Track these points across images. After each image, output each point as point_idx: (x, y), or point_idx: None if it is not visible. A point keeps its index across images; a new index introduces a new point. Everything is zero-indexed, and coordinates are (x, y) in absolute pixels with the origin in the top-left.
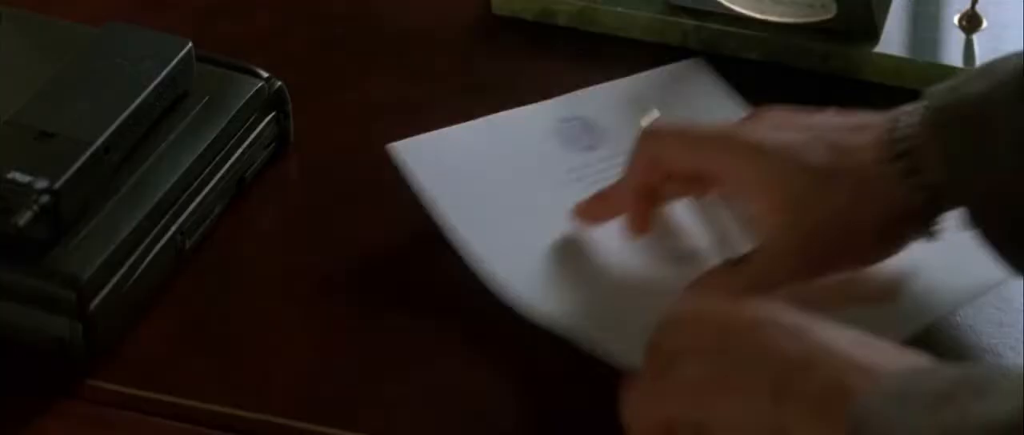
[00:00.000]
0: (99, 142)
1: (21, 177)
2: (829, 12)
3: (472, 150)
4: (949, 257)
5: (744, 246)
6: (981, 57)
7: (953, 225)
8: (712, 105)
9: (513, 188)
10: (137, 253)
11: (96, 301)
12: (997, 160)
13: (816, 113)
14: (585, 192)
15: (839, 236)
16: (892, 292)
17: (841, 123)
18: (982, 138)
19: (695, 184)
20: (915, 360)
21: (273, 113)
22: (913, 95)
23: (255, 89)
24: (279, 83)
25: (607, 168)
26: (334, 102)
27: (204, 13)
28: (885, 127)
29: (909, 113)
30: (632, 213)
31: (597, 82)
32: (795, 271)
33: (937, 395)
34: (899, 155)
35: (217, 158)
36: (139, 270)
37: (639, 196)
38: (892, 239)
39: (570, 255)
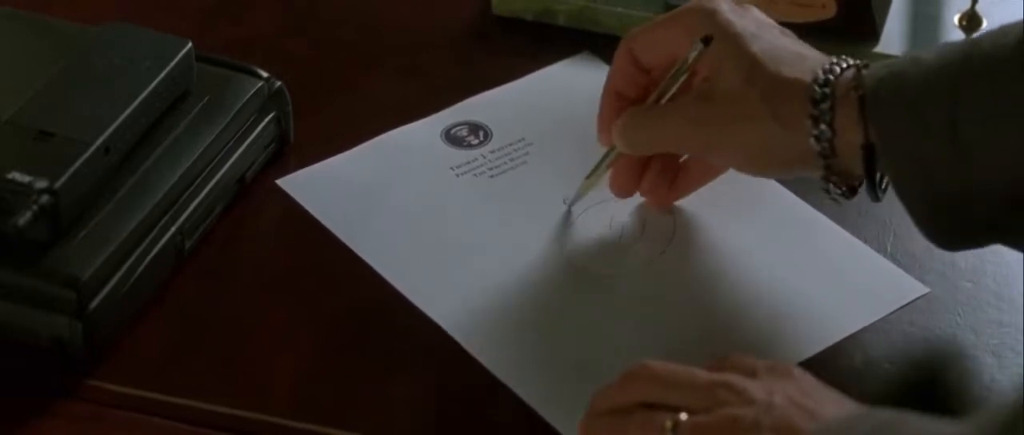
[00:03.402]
0: (99, 142)
1: (21, 177)
2: (829, 12)
3: (359, 174)
4: (852, 278)
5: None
6: None
7: (851, 245)
8: None
9: (404, 199)
10: (137, 253)
11: (96, 301)
12: (923, 131)
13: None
14: (478, 184)
15: (752, 137)
16: None
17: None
18: (914, 113)
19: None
20: (854, 408)
21: (273, 113)
22: None
23: (255, 89)
24: (279, 83)
25: (499, 158)
26: (334, 102)
27: (204, 13)
28: (814, 78)
29: (843, 71)
30: (601, 117)
31: None
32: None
33: (871, 429)
34: (817, 116)
35: (217, 158)
36: (139, 270)
37: (612, 97)
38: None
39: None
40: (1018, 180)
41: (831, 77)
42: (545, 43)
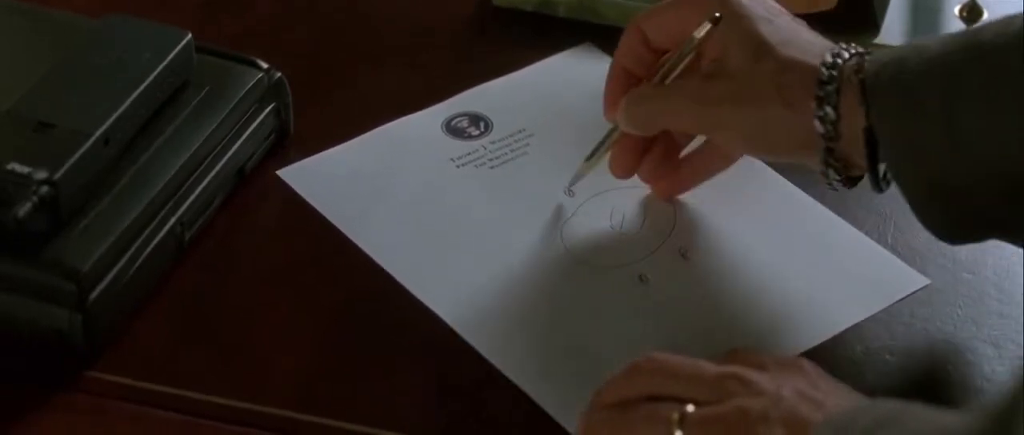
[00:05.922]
0: (99, 133)
1: (20, 168)
2: (830, 3)
3: (359, 165)
4: (853, 270)
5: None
6: None
7: (852, 236)
8: None
9: (404, 191)
10: (137, 244)
11: (96, 292)
12: (922, 119)
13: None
14: (479, 175)
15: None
16: None
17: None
18: (911, 99)
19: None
20: (859, 399)
21: (273, 104)
22: None
23: (255, 80)
24: (279, 74)
25: (500, 149)
26: (334, 93)
27: (204, 4)
28: (820, 62)
29: (846, 58)
30: (607, 96)
31: None
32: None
33: (874, 422)
34: (822, 98)
35: (217, 149)
36: (139, 261)
37: (620, 74)
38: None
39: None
40: (1014, 172)
41: (839, 61)
42: (545, 34)
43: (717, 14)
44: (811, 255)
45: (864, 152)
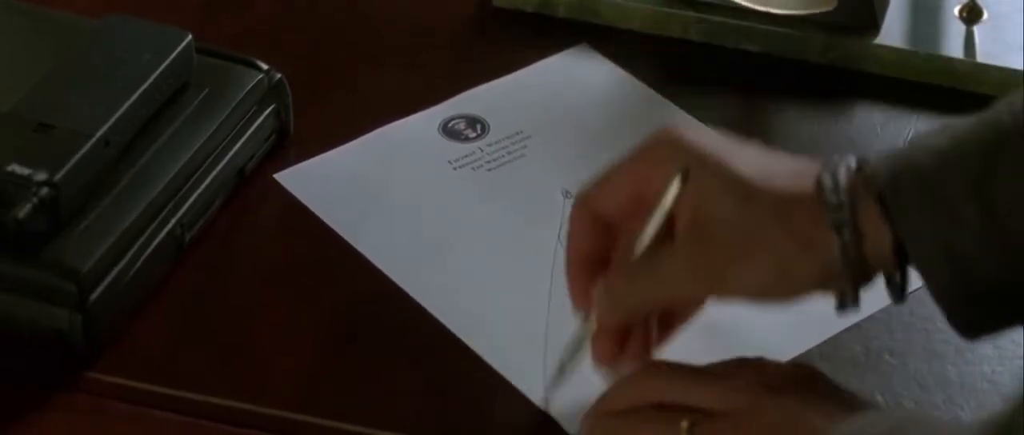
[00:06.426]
0: (99, 134)
1: (21, 169)
2: (830, 4)
3: (356, 168)
4: None
5: None
6: (981, 48)
7: None
8: (608, 89)
9: (401, 193)
10: (137, 245)
11: (96, 293)
12: (954, 222)
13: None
14: (476, 177)
15: (739, 253)
16: None
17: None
18: (941, 205)
19: (634, 219)
20: (867, 406)
21: (273, 105)
22: (913, 87)
23: (255, 81)
24: (279, 75)
25: (497, 151)
26: (334, 94)
27: (204, 5)
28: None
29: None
30: (573, 287)
31: None
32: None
33: (888, 430)
34: (838, 225)
35: (217, 150)
36: (139, 262)
37: (579, 263)
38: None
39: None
40: None
41: (839, 181)
42: (545, 35)
43: (684, 167)
44: None
45: (894, 268)
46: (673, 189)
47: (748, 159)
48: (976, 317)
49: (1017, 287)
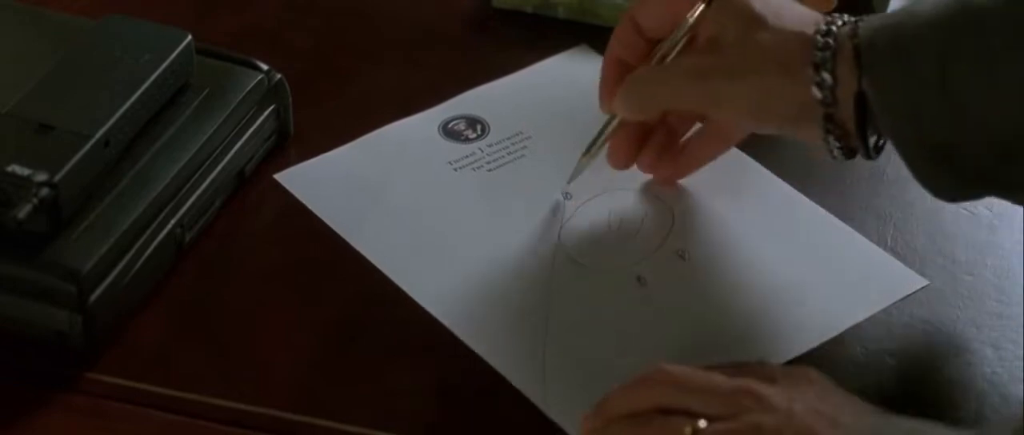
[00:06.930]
0: (99, 135)
1: (21, 170)
2: (830, 4)
3: (356, 168)
4: (852, 271)
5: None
6: None
7: (851, 237)
8: None
9: (401, 194)
10: (137, 246)
11: (96, 294)
12: (915, 79)
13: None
14: (476, 178)
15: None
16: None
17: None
18: (906, 63)
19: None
20: (869, 411)
21: (273, 106)
22: None
23: (255, 82)
24: (279, 76)
25: (497, 152)
26: (334, 95)
27: (204, 6)
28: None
29: (839, 27)
30: (604, 85)
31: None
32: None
33: None
34: (819, 63)
35: (217, 151)
36: (139, 263)
37: (615, 64)
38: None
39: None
40: (1007, 132)
41: (833, 28)
42: (545, 36)
43: None
44: (810, 256)
45: (854, 119)
46: (696, 12)
47: (768, 0)
48: (943, 178)
49: (981, 155)
